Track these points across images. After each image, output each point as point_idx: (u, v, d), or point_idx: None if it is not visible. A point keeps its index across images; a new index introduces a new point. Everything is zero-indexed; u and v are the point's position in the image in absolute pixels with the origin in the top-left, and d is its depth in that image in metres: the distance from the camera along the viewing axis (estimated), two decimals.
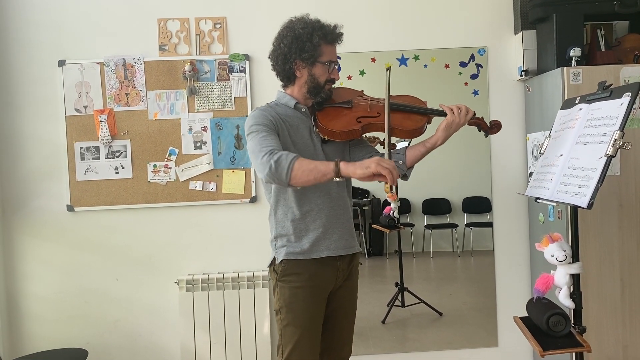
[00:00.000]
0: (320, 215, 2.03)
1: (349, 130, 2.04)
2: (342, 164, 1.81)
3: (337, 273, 2.08)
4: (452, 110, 2.09)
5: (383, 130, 2.03)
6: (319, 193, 2.03)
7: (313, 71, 2.04)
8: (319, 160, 1.89)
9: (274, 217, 2.08)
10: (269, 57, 2.11)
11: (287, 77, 2.09)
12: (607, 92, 1.84)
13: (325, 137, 2.06)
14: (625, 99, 1.70)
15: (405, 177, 2.19)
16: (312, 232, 2.03)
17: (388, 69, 2.06)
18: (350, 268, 2.15)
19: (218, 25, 3.11)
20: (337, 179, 1.82)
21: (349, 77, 3.13)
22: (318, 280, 2.04)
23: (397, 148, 2.20)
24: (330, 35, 2.05)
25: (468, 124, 2.13)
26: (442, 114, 2.12)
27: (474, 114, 2.13)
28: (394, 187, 1.84)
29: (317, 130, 2.07)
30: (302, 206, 2.02)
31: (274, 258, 2.09)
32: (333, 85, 2.13)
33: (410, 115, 2.12)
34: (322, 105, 2.11)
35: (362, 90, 2.22)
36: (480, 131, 2.20)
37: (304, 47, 2.00)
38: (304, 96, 2.09)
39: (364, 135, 2.17)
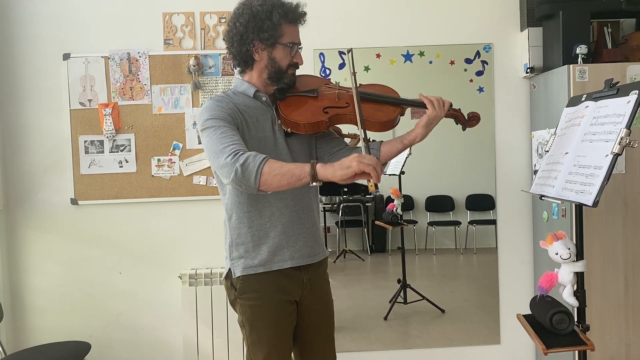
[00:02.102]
0: (282, 220, 1.83)
1: (315, 122, 1.84)
2: (319, 167, 1.59)
3: (303, 285, 1.90)
4: (432, 103, 1.87)
5: (352, 122, 1.85)
6: (280, 195, 1.82)
7: (273, 54, 1.82)
8: (292, 163, 1.70)
9: (228, 223, 1.87)
10: (224, 39, 1.90)
11: (244, 61, 1.85)
12: (614, 89, 1.83)
13: (289, 130, 1.86)
14: (633, 96, 1.69)
15: None
16: (272, 239, 1.83)
17: (349, 51, 1.79)
18: (318, 276, 1.96)
19: (223, 20, 3.11)
20: (314, 184, 1.60)
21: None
22: (282, 295, 1.86)
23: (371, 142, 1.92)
24: (291, 13, 1.82)
25: (445, 117, 1.95)
26: (419, 104, 1.92)
27: (451, 105, 1.95)
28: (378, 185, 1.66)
29: (280, 121, 1.86)
30: (261, 210, 1.82)
31: (230, 270, 1.87)
32: (297, 71, 1.92)
33: (382, 106, 1.92)
34: (285, 94, 1.90)
35: (329, 79, 2.02)
36: (457, 124, 2.03)
37: (263, 26, 1.78)
38: (265, 83, 1.87)
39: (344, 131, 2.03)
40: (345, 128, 2.21)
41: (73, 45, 3.08)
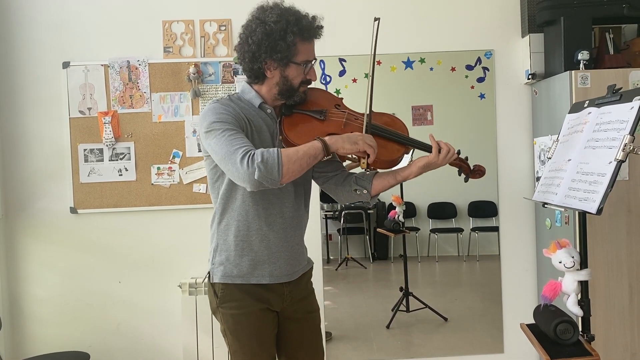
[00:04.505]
0: (268, 236, 1.81)
1: None
2: (327, 140, 1.67)
3: (284, 297, 1.88)
4: (438, 150, 1.84)
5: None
6: (272, 211, 1.81)
7: (286, 72, 1.78)
8: (301, 145, 1.68)
9: (216, 226, 1.85)
10: (235, 50, 1.85)
11: (255, 76, 1.82)
12: (616, 95, 1.81)
13: None
14: (636, 102, 1.67)
15: (368, 203, 1.96)
16: (255, 252, 1.81)
17: (377, 19, 1.78)
18: (299, 288, 1.93)
19: (223, 28, 3.10)
20: (327, 157, 1.68)
21: (354, 80, 3.12)
22: (262, 304, 1.84)
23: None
24: (307, 31, 1.77)
25: (449, 165, 1.93)
26: (425, 148, 1.89)
27: (458, 154, 1.94)
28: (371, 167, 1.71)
29: (280, 138, 1.83)
30: (250, 222, 1.80)
31: (210, 273, 1.87)
32: (309, 86, 1.88)
33: (387, 142, 1.87)
34: (292, 110, 1.85)
35: (342, 99, 1.97)
36: (460, 175, 2.01)
37: (276, 46, 1.73)
38: (274, 97, 1.83)
39: None
40: None
41: (73, 54, 3.07)
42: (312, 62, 1.84)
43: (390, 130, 1.90)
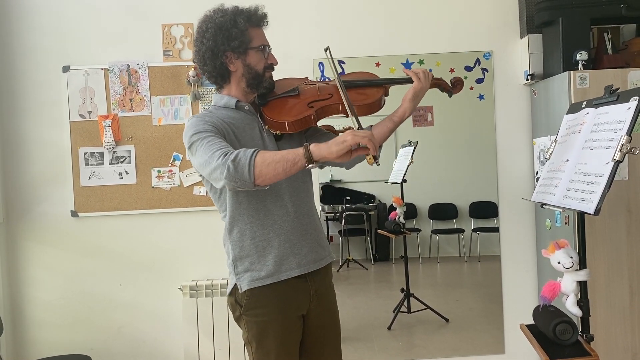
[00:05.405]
0: (284, 228, 1.80)
1: (302, 117, 1.82)
2: (312, 147, 1.57)
3: (311, 296, 1.86)
4: (418, 75, 1.89)
5: (339, 112, 1.86)
6: (280, 202, 1.81)
7: (248, 60, 1.81)
8: (285, 150, 1.62)
9: (229, 238, 1.83)
10: (194, 61, 1.89)
11: (221, 76, 1.83)
12: (614, 96, 1.81)
13: (278, 132, 1.85)
14: (633, 103, 1.67)
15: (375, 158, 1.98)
16: (276, 248, 1.79)
17: (327, 49, 1.87)
18: (325, 284, 1.93)
19: None
20: (310, 165, 1.58)
21: None
22: (289, 309, 1.82)
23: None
24: (254, 16, 1.83)
25: (431, 88, 1.98)
26: (404, 81, 1.94)
27: (433, 75, 1.98)
28: (378, 158, 1.64)
29: (267, 126, 1.86)
30: (263, 220, 1.79)
31: (236, 286, 1.82)
32: (273, 74, 1.92)
33: (365, 89, 1.94)
34: (266, 99, 1.89)
35: (307, 77, 2.04)
36: (442, 92, 2.05)
37: (231, 34, 1.77)
38: (244, 92, 1.85)
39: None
40: (336, 123, 2.19)
41: (73, 58, 3.08)
42: (269, 48, 1.88)
43: (362, 79, 1.99)
